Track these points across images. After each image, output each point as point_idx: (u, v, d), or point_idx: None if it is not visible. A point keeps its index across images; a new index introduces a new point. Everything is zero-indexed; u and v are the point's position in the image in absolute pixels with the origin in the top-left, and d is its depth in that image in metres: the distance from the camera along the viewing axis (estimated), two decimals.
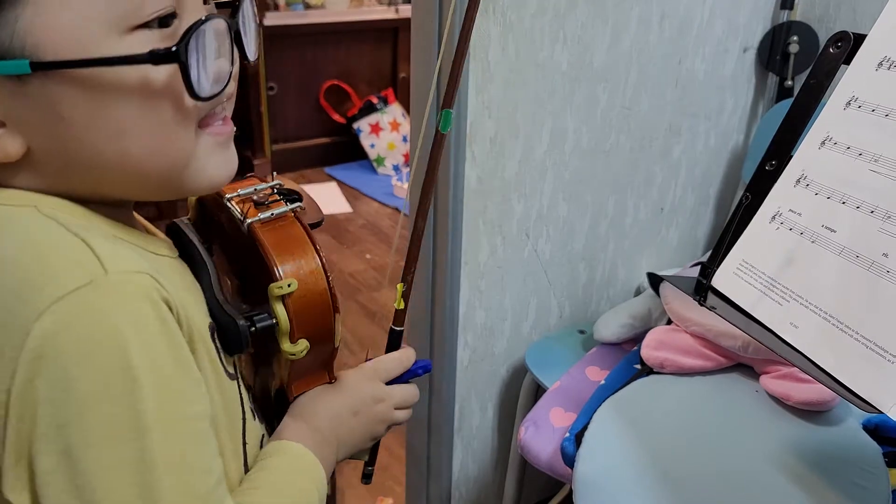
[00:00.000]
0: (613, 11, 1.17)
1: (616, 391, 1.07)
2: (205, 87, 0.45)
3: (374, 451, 0.72)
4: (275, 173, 0.63)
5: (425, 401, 1.27)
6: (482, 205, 1.14)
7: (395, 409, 0.67)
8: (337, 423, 0.61)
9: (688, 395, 1.07)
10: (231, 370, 0.54)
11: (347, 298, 2.47)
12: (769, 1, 1.46)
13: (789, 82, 1.49)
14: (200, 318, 0.51)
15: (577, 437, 1.01)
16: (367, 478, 0.74)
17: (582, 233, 1.33)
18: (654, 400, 1.06)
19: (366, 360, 0.68)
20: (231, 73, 0.49)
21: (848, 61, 0.69)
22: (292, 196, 0.59)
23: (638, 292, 1.48)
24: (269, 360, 0.61)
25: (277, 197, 0.58)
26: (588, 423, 1.01)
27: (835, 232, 0.66)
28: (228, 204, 0.57)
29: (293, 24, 3.39)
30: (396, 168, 3.58)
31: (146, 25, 0.44)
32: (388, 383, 0.67)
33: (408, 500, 1.42)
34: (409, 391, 0.69)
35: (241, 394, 0.55)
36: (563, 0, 1.09)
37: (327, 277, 0.55)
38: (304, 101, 3.60)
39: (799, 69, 1.48)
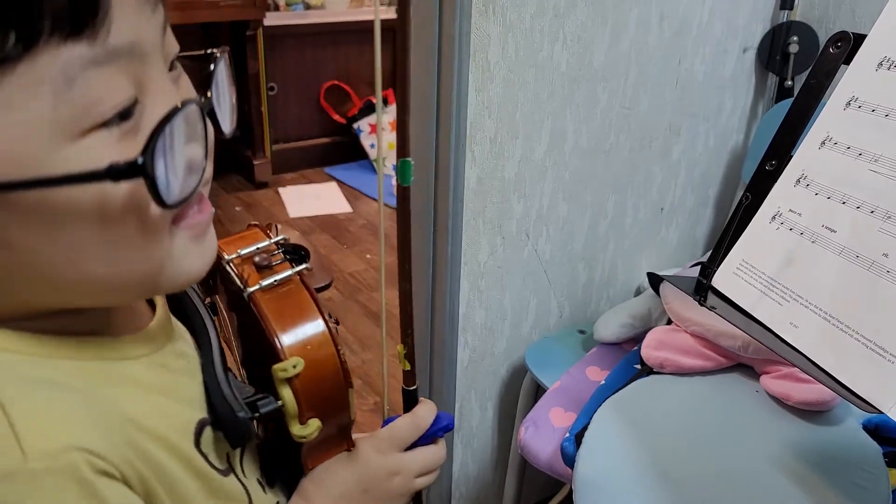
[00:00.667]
0: (613, 12, 1.17)
1: (616, 391, 1.07)
2: (175, 191, 0.38)
3: None
4: (278, 226, 0.57)
5: None
6: (482, 205, 1.14)
7: (417, 477, 0.61)
8: (346, 501, 0.56)
9: (688, 395, 1.07)
10: (223, 465, 0.48)
11: (348, 298, 2.47)
12: (769, 1, 1.47)
13: (789, 82, 1.49)
14: (181, 422, 0.45)
15: (577, 437, 1.01)
16: None
17: (582, 233, 1.33)
18: (654, 400, 1.06)
19: (382, 423, 0.63)
20: (206, 157, 0.41)
21: (848, 61, 0.69)
22: (298, 253, 0.53)
23: (638, 292, 1.48)
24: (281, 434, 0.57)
25: (281, 256, 0.53)
26: (588, 423, 1.01)
27: (835, 232, 0.66)
28: (228, 268, 0.52)
29: (293, 25, 3.39)
30: (396, 168, 3.58)
31: (104, 125, 0.36)
32: (411, 445, 0.62)
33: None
34: (429, 456, 0.62)
35: (241, 482, 0.50)
36: (563, 0, 1.09)
37: (337, 349, 0.50)
38: (304, 102, 3.60)
39: (799, 69, 1.48)
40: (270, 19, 3.22)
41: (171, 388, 0.46)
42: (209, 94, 0.43)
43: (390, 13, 3.31)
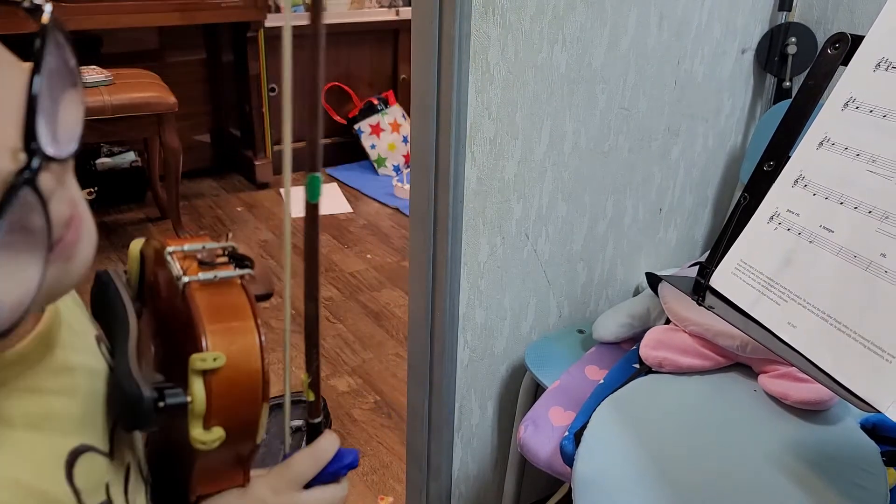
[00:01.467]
0: (612, 13, 1.17)
1: (615, 390, 1.07)
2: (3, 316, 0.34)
3: None
4: (230, 234, 0.55)
5: (425, 400, 1.27)
6: (482, 205, 1.14)
7: None
8: None
9: (686, 394, 1.07)
10: (100, 498, 0.44)
11: (348, 298, 2.47)
12: (767, 2, 1.47)
13: (787, 83, 1.50)
14: (48, 458, 0.41)
15: (577, 436, 1.01)
16: None
17: (581, 233, 1.33)
18: (653, 399, 1.07)
19: (282, 457, 0.59)
20: (49, 229, 0.35)
21: (846, 62, 0.70)
22: (244, 262, 0.51)
23: (636, 292, 1.49)
24: (175, 448, 0.51)
25: (227, 259, 0.50)
26: (587, 422, 1.02)
27: (833, 232, 0.66)
28: (169, 258, 0.49)
29: (294, 26, 3.39)
30: (397, 169, 3.59)
31: None
32: (314, 483, 0.57)
33: (408, 499, 1.42)
34: (329, 496, 0.57)
35: None
36: (562, 2, 1.10)
37: (262, 360, 0.46)
38: (304, 103, 3.60)
39: (797, 70, 1.49)
40: (272, 21, 3.23)
41: (40, 416, 0.41)
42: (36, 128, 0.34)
43: (390, 15, 3.32)
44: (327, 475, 0.57)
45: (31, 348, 0.42)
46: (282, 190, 3.37)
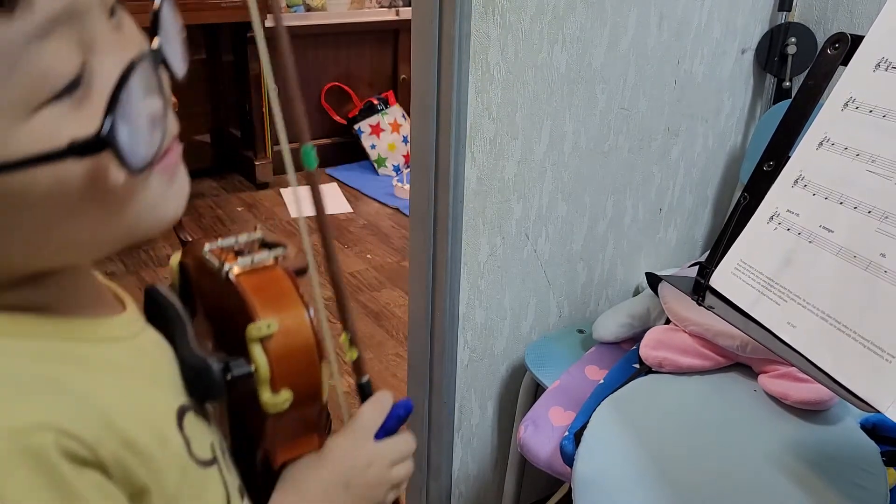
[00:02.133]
0: (612, 13, 1.17)
1: (615, 390, 1.07)
2: (140, 154, 0.36)
3: None
4: (258, 226, 0.59)
5: (425, 400, 1.27)
6: (482, 205, 1.14)
7: (392, 465, 0.58)
8: (329, 500, 0.54)
9: (686, 394, 1.07)
10: (207, 456, 0.47)
11: (350, 297, 2.47)
12: (767, 2, 1.47)
13: (787, 83, 1.50)
14: (162, 407, 0.44)
15: (577, 436, 1.01)
16: None
17: (581, 233, 1.33)
18: (653, 399, 1.07)
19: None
20: (165, 107, 0.39)
21: (846, 62, 0.70)
22: (275, 246, 0.55)
23: (636, 292, 1.49)
24: (250, 426, 0.54)
25: (258, 247, 0.54)
26: (587, 422, 1.02)
27: (832, 232, 0.66)
28: (207, 256, 0.52)
29: (294, 26, 3.39)
30: (397, 169, 3.59)
31: (54, 97, 0.34)
32: (379, 438, 0.59)
33: (408, 499, 1.42)
34: (400, 444, 0.60)
35: (223, 478, 0.48)
36: (562, 2, 1.10)
37: (311, 323, 0.50)
38: (305, 103, 3.59)
39: (797, 70, 1.49)
40: (272, 21, 3.23)
41: (152, 372, 0.45)
42: (157, 38, 0.40)
43: (390, 15, 3.33)
44: (389, 428, 0.59)
45: (133, 318, 0.47)
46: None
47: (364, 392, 0.60)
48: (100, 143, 0.34)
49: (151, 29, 0.40)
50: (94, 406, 0.38)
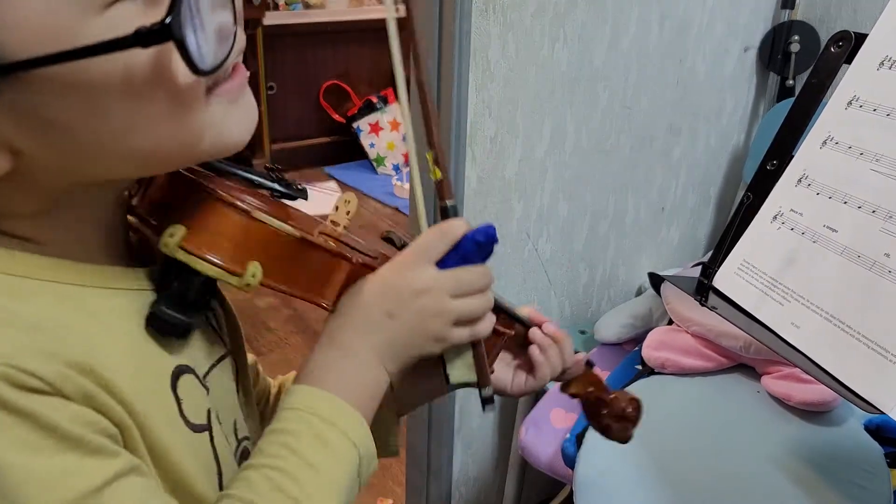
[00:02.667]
0: (613, 11, 1.17)
1: None
2: (208, 57, 0.38)
3: (478, 363, 0.55)
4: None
5: None
6: (482, 204, 1.14)
7: (454, 296, 0.50)
8: (368, 332, 0.49)
9: (689, 395, 1.07)
10: (199, 421, 0.46)
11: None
12: (770, 0, 1.46)
13: (790, 82, 1.49)
14: (157, 362, 0.44)
15: (578, 438, 1.01)
16: (485, 402, 0.57)
17: (582, 233, 1.33)
18: (656, 400, 1.06)
19: None
20: (235, 23, 0.41)
21: (849, 61, 0.69)
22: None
23: (639, 292, 1.48)
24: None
25: None
26: (589, 425, 1.01)
27: (836, 232, 0.66)
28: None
29: (293, 24, 3.39)
30: (396, 168, 3.58)
31: None
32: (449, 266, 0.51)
33: (408, 501, 1.42)
34: (469, 273, 0.51)
35: (213, 445, 0.47)
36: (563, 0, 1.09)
37: (226, 198, 0.44)
38: (303, 101, 3.60)
39: (800, 69, 1.48)
40: (270, 18, 3.22)
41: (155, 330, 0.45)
42: None
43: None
44: (462, 256, 0.51)
45: (148, 275, 0.46)
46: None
47: (447, 216, 0.53)
48: (164, 33, 0.35)
49: None
50: (73, 346, 0.39)
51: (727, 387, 1.08)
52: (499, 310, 0.60)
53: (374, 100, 3.64)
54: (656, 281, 1.23)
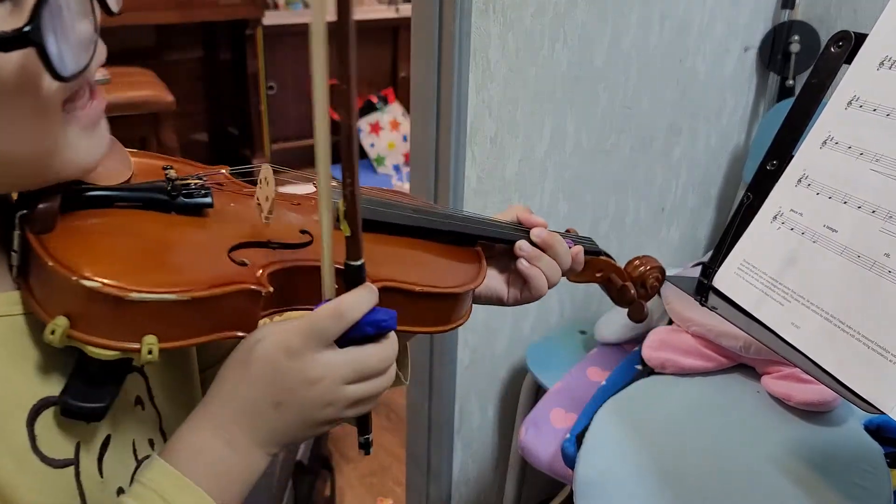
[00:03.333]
0: (613, 11, 1.17)
1: (617, 392, 1.07)
2: (68, 64, 0.38)
3: (362, 418, 0.51)
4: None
5: (426, 401, 1.27)
6: (482, 204, 1.14)
7: (349, 382, 0.45)
8: (252, 423, 0.44)
9: (689, 395, 1.07)
10: (60, 456, 0.43)
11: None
12: (770, 0, 1.46)
13: (790, 82, 1.49)
14: (15, 393, 0.42)
15: (578, 438, 1.00)
16: (363, 447, 0.52)
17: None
18: (655, 401, 1.06)
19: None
20: (95, 32, 0.41)
21: (849, 61, 0.69)
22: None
23: None
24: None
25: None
26: (589, 424, 1.01)
27: (836, 232, 0.66)
28: None
29: (292, 24, 3.39)
30: (397, 168, 3.58)
31: None
32: (348, 341, 0.45)
33: (408, 501, 1.42)
34: (369, 356, 0.46)
35: (78, 480, 0.44)
36: (564, 0, 1.09)
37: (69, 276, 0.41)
38: (303, 101, 3.60)
39: (800, 69, 1.48)
40: (270, 18, 3.22)
41: (25, 356, 0.43)
42: None
43: (389, 12, 3.32)
44: (360, 335, 0.46)
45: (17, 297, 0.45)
46: None
47: (351, 279, 0.46)
48: (24, 39, 0.36)
49: None
50: None
51: (727, 387, 1.08)
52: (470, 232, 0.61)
53: (375, 100, 3.64)
54: None
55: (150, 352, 0.41)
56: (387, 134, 3.63)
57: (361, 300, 0.45)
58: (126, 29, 2.91)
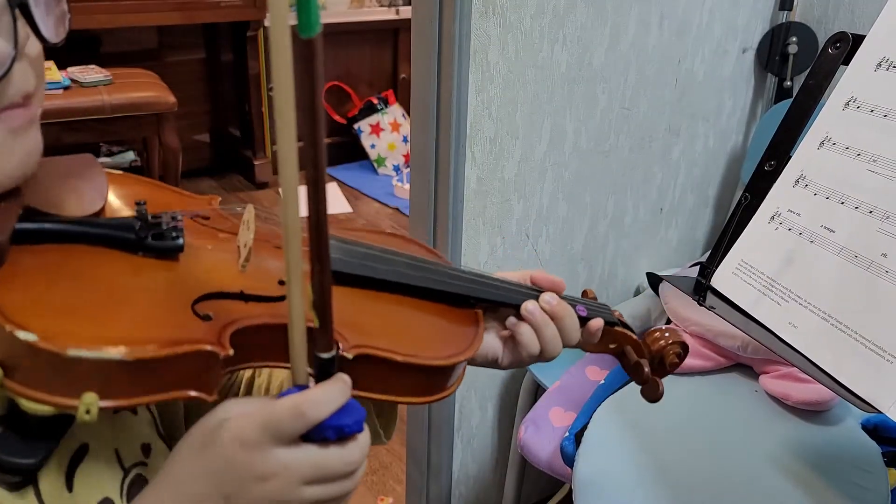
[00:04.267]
0: (612, 12, 1.17)
1: (615, 391, 1.07)
2: None
3: None
4: None
5: None
6: (482, 205, 1.14)
7: (306, 483, 0.42)
8: None
9: (687, 394, 1.07)
10: (14, 478, 0.41)
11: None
12: (768, 2, 1.47)
13: (788, 83, 1.49)
14: None
15: (577, 437, 1.01)
16: None
17: (581, 233, 1.33)
18: None
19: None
20: (14, 56, 0.39)
21: (847, 62, 0.70)
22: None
23: (637, 292, 1.48)
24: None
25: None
26: (587, 423, 1.01)
27: (834, 232, 0.66)
28: None
29: (294, 25, 3.39)
30: (397, 168, 3.58)
31: None
32: (310, 439, 0.42)
33: (408, 500, 1.42)
34: (330, 457, 0.42)
35: (39, 501, 0.42)
36: (563, 1, 1.10)
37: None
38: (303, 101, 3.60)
39: (798, 70, 1.48)
40: (270, 20, 3.23)
41: None
42: None
43: (390, 14, 3.33)
44: (322, 436, 0.42)
45: None
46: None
47: (323, 371, 0.43)
48: None
49: None
50: None
51: (725, 386, 1.09)
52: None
53: (375, 101, 3.64)
54: (655, 281, 1.23)
55: (87, 411, 0.38)
56: (387, 135, 3.64)
57: (328, 399, 0.42)
58: (128, 30, 2.91)
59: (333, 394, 0.42)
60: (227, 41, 3.29)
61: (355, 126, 3.64)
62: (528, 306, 0.57)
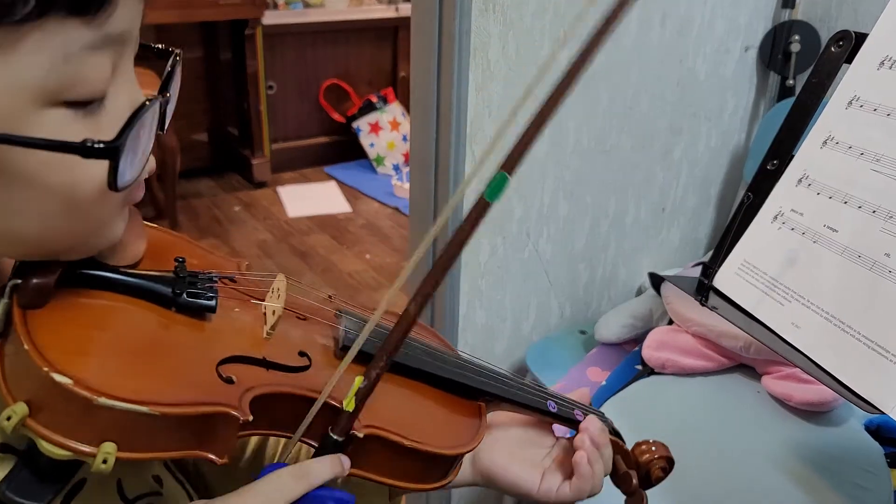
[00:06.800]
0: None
1: (617, 392, 1.07)
2: (126, 177, 0.39)
3: None
4: None
5: None
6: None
7: None
8: None
9: (689, 395, 1.07)
10: None
11: (348, 299, 2.47)
12: (770, 0, 1.46)
13: (791, 81, 1.49)
14: None
15: None
16: None
17: (583, 233, 1.33)
18: (656, 401, 1.06)
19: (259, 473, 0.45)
20: (152, 147, 0.42)
21: (850, 60, 0.69)
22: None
23: (639, 292, 1.48)
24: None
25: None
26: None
27: (837, 232, 0.66)
28: None
29: (292, 24, 3.39)
30: (396, 168, 3.58)
31: (70, 104, 0.37)
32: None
33: (408, 500, 1.42)
34: None
35: None
36: None
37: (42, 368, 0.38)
38: (303, 101, 3.60)
39: (800, 68, 1.48)
40: (269, 18, 3.22)
41: None
42: (167, 93, 0.44)
43: (389, 12, 3.33)
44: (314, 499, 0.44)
45: None
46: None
47: (324, 447, 0.45)
48: (109, 152, 0.37)
49: (163, 85, 0.45)
50: None
51: (727, 387, 1.08)
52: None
53: (374, 99, 3.64)
54: (656, 281, 1.22)
55: (104, 461, 0.38)
56: (386, 134, 3.63)
57: (324, 468, 0.44)
58: None
59: (330, 464, 0.44)
60: (225, 39, 3.29)
61: (354, 125, 3.64)
62: (585, 440, 0.60)
